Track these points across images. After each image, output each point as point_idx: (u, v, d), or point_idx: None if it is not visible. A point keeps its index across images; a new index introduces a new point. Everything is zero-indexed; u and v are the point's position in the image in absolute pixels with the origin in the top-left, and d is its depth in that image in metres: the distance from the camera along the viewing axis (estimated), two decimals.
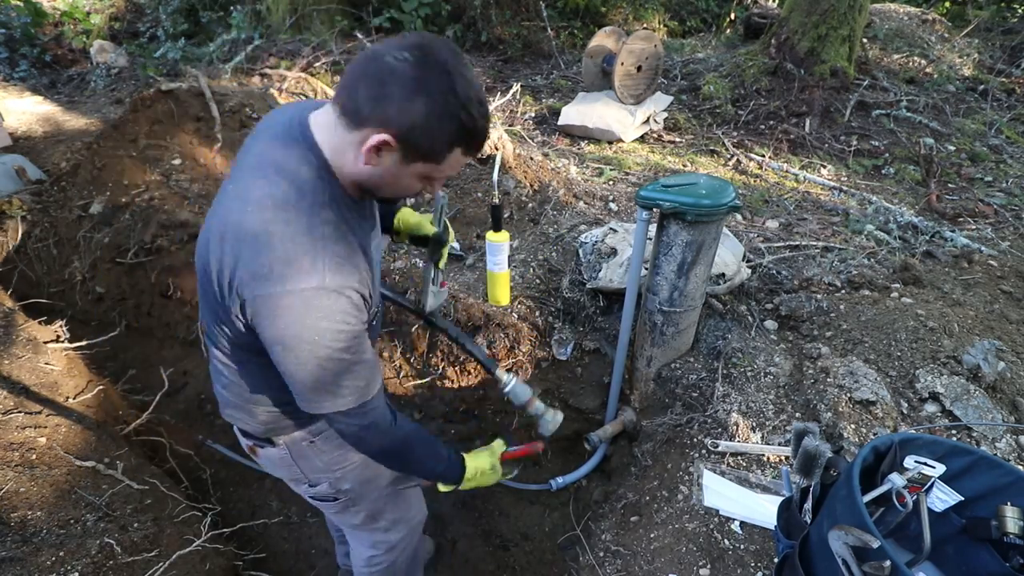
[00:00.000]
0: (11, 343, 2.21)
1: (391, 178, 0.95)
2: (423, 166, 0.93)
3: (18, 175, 3.15)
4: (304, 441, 1.28)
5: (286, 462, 1.31)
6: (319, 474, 1.34)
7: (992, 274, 2.60)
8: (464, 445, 2.65)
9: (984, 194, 3.66)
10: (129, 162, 3.17)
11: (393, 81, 0.82)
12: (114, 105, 4.48)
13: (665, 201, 1.71)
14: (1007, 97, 5.17)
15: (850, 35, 4.64)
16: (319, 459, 1.31)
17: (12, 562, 1.42)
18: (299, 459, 1.30)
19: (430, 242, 1.42)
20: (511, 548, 2.39)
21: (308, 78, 4.52)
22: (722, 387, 2.00)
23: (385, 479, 1.46)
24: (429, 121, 0.85)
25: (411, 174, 0.94)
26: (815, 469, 1.12)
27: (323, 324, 0.90)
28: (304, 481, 1.36)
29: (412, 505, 1.64)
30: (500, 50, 5.96)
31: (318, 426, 1.27)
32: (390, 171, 0.93)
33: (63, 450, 1.83)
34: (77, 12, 6.03)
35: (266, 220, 0.88)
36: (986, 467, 1.11)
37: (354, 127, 0.88)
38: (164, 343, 2.98)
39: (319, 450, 1.30)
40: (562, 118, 4.31)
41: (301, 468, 1.32)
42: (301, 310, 0.88)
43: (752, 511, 1.60)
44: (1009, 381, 1.90)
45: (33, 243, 3.01)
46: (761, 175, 3.85)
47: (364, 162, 0.90)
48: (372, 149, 0.87)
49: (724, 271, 2.24)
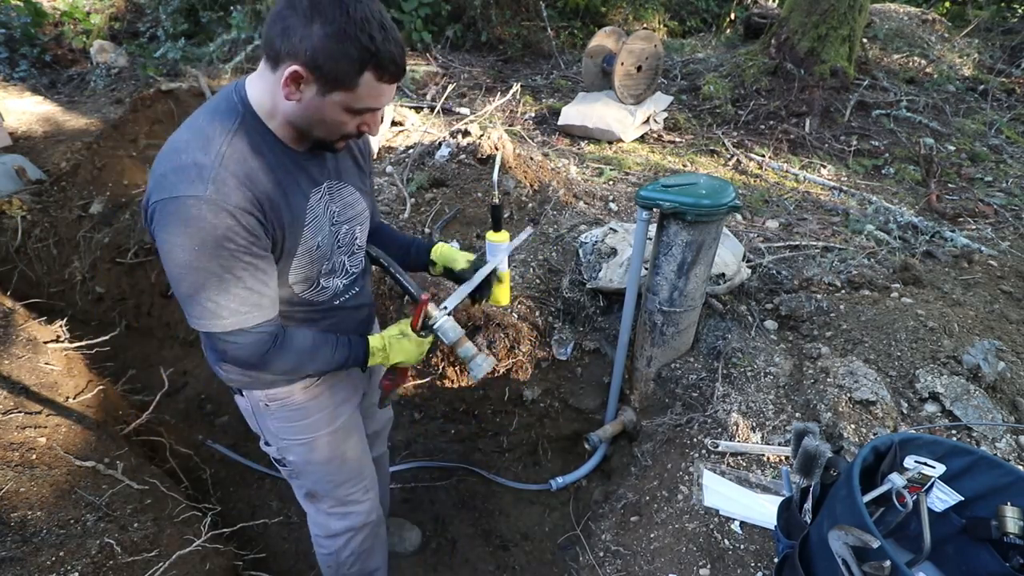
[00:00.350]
0: (11, 343, 2.21)
1: (315, 112, 0.98)
2: (341, 95, 0.95)
3: (18, 175, 3.15)
4: (260, 402, 1.34)
5: (248, 415, 1.41)
6: (271, 436, 1.43)
7: (992, 274, 2.60)
8: (464, 445, 2.65)
9: (984, 194, 3.66)
10: (129, 162, 3.18)
11: (292, 13, 0.88)
12: (114, 105, 4.48)
13: (665, 201, 1.71)
14: (1007, 97, 5.18)
15: (850, 35, 4.64)
16: (271, 423, 1.39)
17: (12, 562, 1.42)
18: (257, 415, 1.39)
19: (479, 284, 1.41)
20: (511, 548, 2.39)
21: None
22: (722, 387, 2.00)
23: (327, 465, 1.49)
24: (328, 45, 0.88)
25: (333, 106, 0.97)
26: (815, 469, 1.12)
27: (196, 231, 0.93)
28: (261, 438, 1.46)
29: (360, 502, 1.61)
30: (500, 50, 5.96)
31: (275, 392, 1.32)
32: (312, 104, 0.96)
33: (63, 450, 1.82)
34: (77, 12, 6.03)
35: (175, 139, 0.98)
36: (986, 467, 1.11)
37: (274, 67, 0.94)
38: (164, 343, 2.98)
39: (272, 415, 1.37)
40: (562, 118, 4.31)
41: (259, 424, 1.42)
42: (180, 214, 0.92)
43: (752, 511, 1.60)
44: (1009, 381, 1.90)
45: (33, 243, 3.01)
46: (761, 175, 3.85)
47: (284, 96, 0.95)
48: (287, 81, 0.92)
49: (724, 271, 2.24)
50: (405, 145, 3.66)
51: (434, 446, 2.65)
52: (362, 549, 1.69)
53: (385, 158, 3.49)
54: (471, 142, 3.16)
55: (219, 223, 0.93)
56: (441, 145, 3.27)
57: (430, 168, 3.17)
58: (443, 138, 3.36)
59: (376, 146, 3.59)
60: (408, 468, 2.56)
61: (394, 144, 3.77)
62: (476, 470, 2.58)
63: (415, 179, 3.09)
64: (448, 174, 3.08)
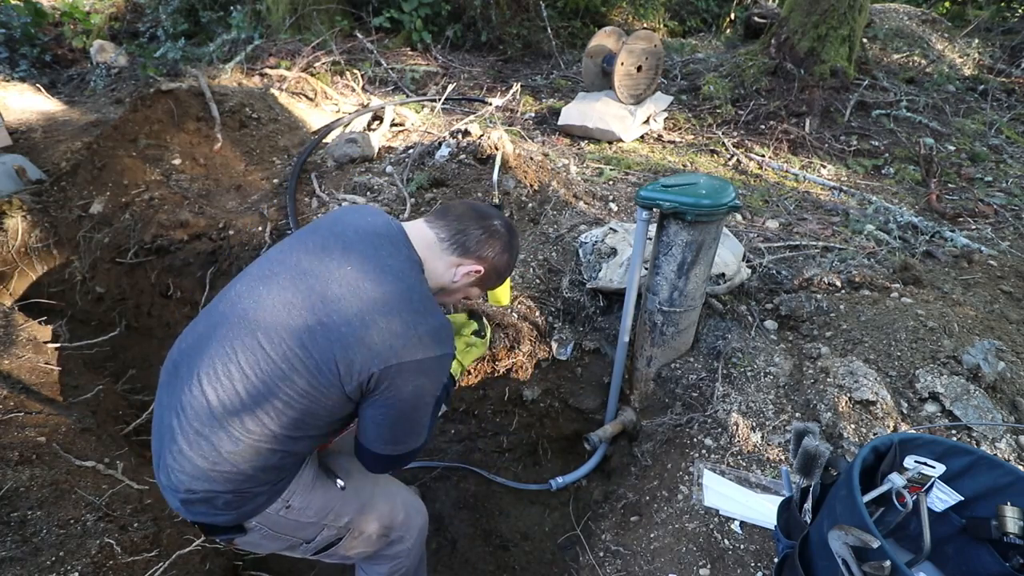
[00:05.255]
0: (11, 343, 2.21)
1: (460, 291, 1.36)
2: (477, 290, 1.38)
3: (18, 175, 3.15)
4: (279, 511, 1.22)
5: (270, 537, 1.26)
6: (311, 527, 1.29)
7: (992, 274, 2.60)
8: (464, 445, 2.65)
9: (984, 194, 3.66)
10: (129, 162, 3.17)
11: (497, 239, 1.30)
12: (114, 105, 4.48)
13: (665, 201, 1.71)
14: (1007, 97, 5.17)
15: (850, 35, 4.63)
16: (303, 516, 1.26)
17: (12, 562, 1.42)
18: (282, 529, 1.26)
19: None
20: (511, 548, 2.39)
21: (308, 78, 4.53)
22: (722, 387, 2.00)
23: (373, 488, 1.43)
24: (505, 267, 1.35)
25: (469, 291, 1.38)
26: (815, 469, 1.12)
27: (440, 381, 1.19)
28: (300, 543, 1.31)
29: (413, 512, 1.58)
30: (500, 50, 5.96)
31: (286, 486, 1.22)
32: (462, 286, 1.33)
33: (63, 450, 1.83)
34: (77, 12, 6.03)
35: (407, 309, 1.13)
36: (986, 467, 1.11)
37: (456, 254, 1.27)
38: (164, 343, 2.97)
39: (297, 509, 1.25)
40: (562, 118, 4.31)
41: (290, 534, 1.28)
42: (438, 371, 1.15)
43: (752, 511, 1.60)
44: (1009, 381, 1.90)
45: (33, 243, 3.01)
46: (761, 175, 3.85)
47: (457, 279, 1.30)
48: (469, 273, 1.29)
49: (724, 271, 2.24)
50: (405, 145, 3.66)
51: (434, 446, 2.65)
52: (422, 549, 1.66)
53: (385, 158, 3.49)
54: (471, 142, 3.16)
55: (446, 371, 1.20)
56: (441, 145, 3.27)
57: (430, 168, 3.16)
58: (443, 138, 3.35)
59: (376, 146, 3.59)
60: (408, 468, 2.56)
61: (394, 144, 3.77)
62: (476, 470, 2.58)
63: (415, 179, 3.09)
64: (448, 174, 3.08)
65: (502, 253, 1.31)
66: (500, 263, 1.32)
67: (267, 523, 1.22)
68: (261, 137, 3.69)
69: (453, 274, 1.28)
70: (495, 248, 1.29)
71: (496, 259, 1.31)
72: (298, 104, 4.21)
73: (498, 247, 1.30)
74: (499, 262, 1.32)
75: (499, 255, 1.31)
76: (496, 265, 1.31)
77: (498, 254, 1.30)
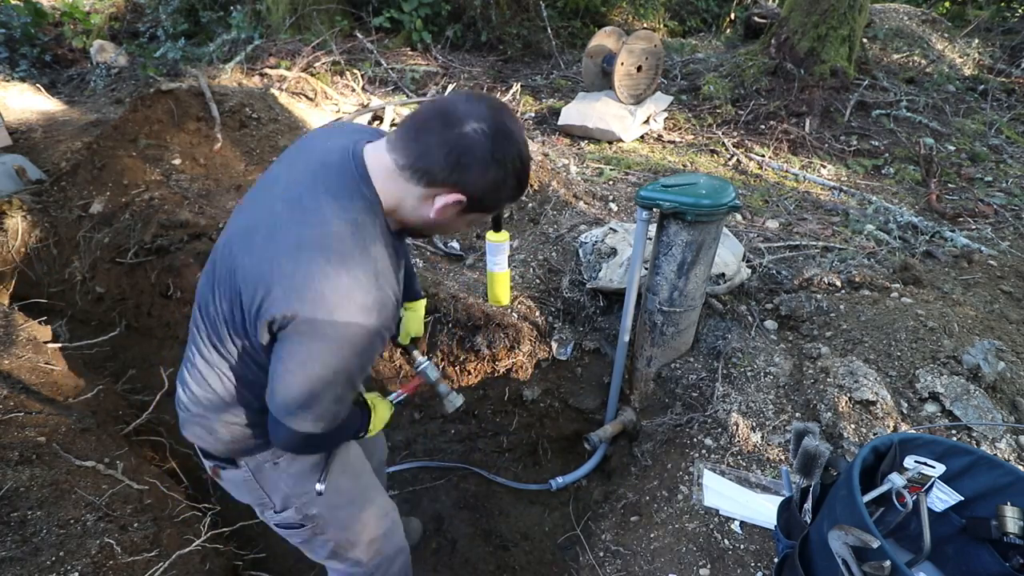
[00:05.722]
0: (11, 343, 2.21)
1: (447, 224, 1.07)
2: (478, 215, 1.07)
3: (18, 175, 3.15)
4: (268, 462, 1.23)
5: (250, 485, 1.27)
6: (284, 497, 1.29)
7: (992, 274, 2.60)
8: (464, 445, 2.65)
9: (984, 194, 3.66)
10: (129, 162, 3.17)
11: (471, 153, 0.93)
12: (114, 105, 4.48)
13: (665, 201, 1.71)
14: (1007, 97, 5.17)
15: (850, 35, 4.64)
16: (284, 481, 1.27)
17: (12, 562, 1.42)
18: (263, 482, 1.26)
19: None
20: (511, 548, 2.39)
21: (308, 78, 4.52)
22: (722, 387, 2.00)
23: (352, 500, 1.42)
24: (498, 185, 0.98)
25: (465, 221, 1.08)
26: (815, 469, 1.12)
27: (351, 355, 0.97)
28: (270, 506, 1.31)
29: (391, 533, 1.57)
30: (500, 50, 5.96)
31: None
32: (448, 219, 1.04)
33: (63, 450, 1.83)
34: (77, 12, 6.03)
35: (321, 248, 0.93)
36: (986, 467, 1.11)
37: (423, 184, 0.96)
38: (164, 343, 2.97)
39: (283, 471, 1.25)
40: (562, 118, 4.31)
41: (266, 491, 1.28)
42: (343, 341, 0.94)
43: (752, 511, 1.60)
44: (1009, 381, 1.90)
45: (33, 243, 3.01)
46: (761, 175, 3.85)
47: (433, 215, 1.00)
48: (447, 206, 0.98)
49: (724, 271, 2.24)
50: None
51: (434, 446, 2.65)
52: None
53: None
54: None
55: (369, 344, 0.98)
56: None
57: None
58: None
59: None
60: (408, 468, 2.56)
61: None
62: (476, 470, 2.58)
63: None
64: None
65: (484, 170, 0.95)
66: (486, 183, 0.96)
67: (252, 467, 1.25)
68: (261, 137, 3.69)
69: (429, 209, 0.99)
70: (473, 166, 0.94)
71: (478, 180, 0.95)
72: (298, 104, 4.21)
73: (477, 164, 0.94)
74: (484, 182, 0.96)
75: (481, 174, 0.95)
76: (481, 187, 0.96)
77: (479, 173, 0.95)
